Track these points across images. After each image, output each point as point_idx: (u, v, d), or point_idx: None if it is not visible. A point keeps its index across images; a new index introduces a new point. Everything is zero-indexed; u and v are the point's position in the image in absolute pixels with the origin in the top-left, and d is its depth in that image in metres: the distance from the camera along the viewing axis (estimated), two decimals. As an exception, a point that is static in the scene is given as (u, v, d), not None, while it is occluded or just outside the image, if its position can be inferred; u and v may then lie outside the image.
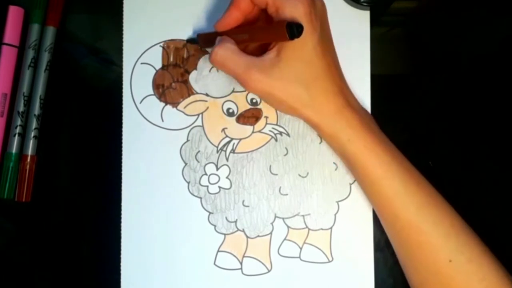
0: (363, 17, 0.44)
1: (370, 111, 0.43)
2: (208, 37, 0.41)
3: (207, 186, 0.43)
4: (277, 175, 0.43)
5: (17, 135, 0.43)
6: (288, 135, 0.43)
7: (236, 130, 0.44)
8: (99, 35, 0.45)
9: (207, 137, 0.44)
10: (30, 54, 0.43)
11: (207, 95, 0.44)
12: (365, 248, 0.43)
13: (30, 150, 0.43)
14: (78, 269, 0.44)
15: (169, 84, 0.44)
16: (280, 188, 0.43)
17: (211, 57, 0.38)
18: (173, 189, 0.43)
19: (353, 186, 0.43)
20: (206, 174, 0.43)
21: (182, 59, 0.44)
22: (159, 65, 0.44)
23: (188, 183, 0.44)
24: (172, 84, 0.44)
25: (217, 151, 0.44)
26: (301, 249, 0.43)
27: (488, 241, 0.37)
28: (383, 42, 0.44)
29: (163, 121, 0.44)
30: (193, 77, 0.44)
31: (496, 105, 0.44)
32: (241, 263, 0.43)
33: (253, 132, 0.44)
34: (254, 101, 0.44)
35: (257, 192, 0.43)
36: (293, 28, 0.33)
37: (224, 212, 0.43)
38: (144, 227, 0.43)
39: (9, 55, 0.43)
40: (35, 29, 0.44)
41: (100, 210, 0.44)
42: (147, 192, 0.43)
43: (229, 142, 0.44)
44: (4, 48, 0.43)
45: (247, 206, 0.43)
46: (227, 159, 0.43)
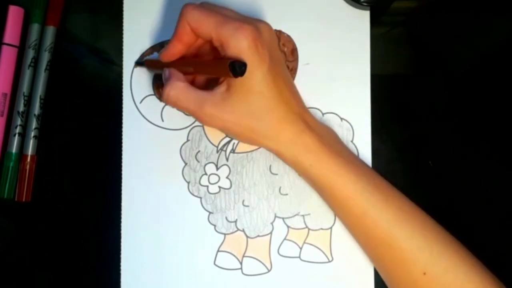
0: (363, 17, 0.44)
1: (370, 111, 0.43)
2: (155, 63, 0.41)
3: (207, 186, 0.43)
4: (277, 175, 0.43)
5: (17, 135, 0.43)
6: (288, 135, 0.43)
7: (236, 130, 0.44)
8: (99, 35, 0.45)
9: (207, 137, 0.44)
10: (30, 54, 0.43)
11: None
12: (365, 248, 0.43)
13: (30, 150, 0.43)
14: (78, 269, 0.44)
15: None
16: (280, 188, 0.43)
17: (163, 97, 0.37)
18: (173, 189, 0.43)
19: (353, 186, 0.43)
20: (206, 174, 0.44)
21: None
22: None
23: (188, 183, 0.44)
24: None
25: (217, 151, 0.44)
26: (301, 249, 0.43)
27: (487, 241, 0.37)
28: (383, 42, 0.44)
29: (163, 121, 0.44)
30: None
31: (496, 105, 0.44)
32: (241, 263, 0.43)
33: (253, 132, 0.44)
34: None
35: (257, 192, 0.43)
36: (235, 66, 0.33)
37: (224, 212, 0.43)
38: (144, 227, 0.43)
39: (9, 55, 0.43)
40: (35, 29, 0.44)
41: (100, 210, 0.44)
42: (147, 192, 0.43)
43: (229, 142, 0.44)
44: (4, 48, 0.43)
45: (247, 206, 0.43)
46: (227, 159, 0.44)
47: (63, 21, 0.45)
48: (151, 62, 0.42)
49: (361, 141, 0.43)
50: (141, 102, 0.44)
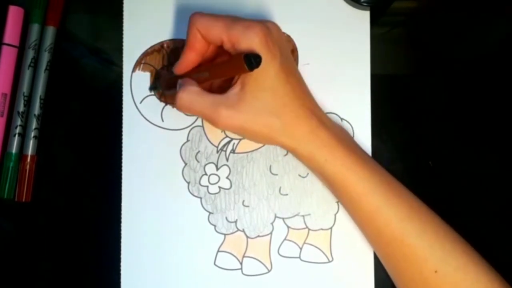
0: (363, 17, 0.44)
1: (370, 111, 0.43)
2: (170, 81, 0.41)
3: (207, 186, 0.43)
4: (277, 175, 0.43)
5: (17, 135, 0.43)
6: (288, 135, 0.43)
7: (236, 130, 0.44)
8: (99, 35, 0.45)
9: (207, 137, 0.44)
10: (30, 54, 0.43)
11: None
12: (365, 248, 0.43)
13: (30, 150, 0.43)
14: (78, 269, 0.44)
15: (169, 84, 0.44)
16: (280, 188, 0.43)
17: (176, 103, 0.38)
18: (173, 189, 0.43)
19: (353, 186, 0.43)
20: (206, 174, 0.44)
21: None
22: (159, 65, 0.44)
23: (188, 183, 0.44)
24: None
25: (217, 151, 0.44)
26: (301, 249, 0.43)
27: (487, 241, 0.37)
28: (383, 42, 0.44)
29: (163, 121, 0.44)
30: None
31: (496, 105, 0.44)
32: (241, 263, 0.43)
33: (253, 132, 0.44)
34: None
35: (257, 192, 0.43)
36: (251, 59, 0.33)
37: (224, 212, 0.43)
38: (144, 227, 0.43)
39: (9, 55, 0.43)
40: (35, 29, 0.44)
41: (100, 210, 0.44)
42: (147, 192, 0.43)
43: (229, 142, 0.44)
44: (4, 48, 0.43)
45: (247, 206, 0.43)
46: (227, 159, 0.43)
47: (63, 21, 0.45)
48: (165, 82, 0.42)
49: (361, 141, 0.43)
50: (141, 102, 0.44)
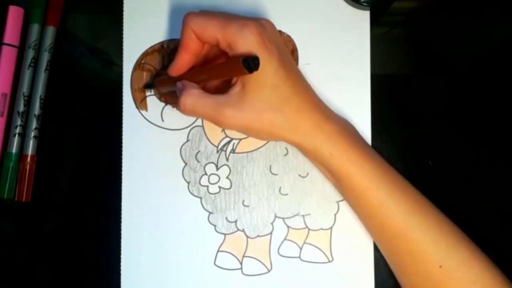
0: (363, 17, 0.44)
1: (370, 111, 0.43)
2: (166, 81, 0.41)
3: (207, 186, 0.43)
4: (277, 175, 0.43)
5: (17, 135, 0.43)
6: (288, 135, 0.43)
7: (236, 130, 0.44)
8: (99, 35, 0.45)
9: (207, 137, 0.44)
10: (30, 54, 0.43)
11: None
12: (365, 248, 0.43)
13: (30, 150, 0.43)
14: (78, 269, 0.44)
15: (169, 84, 0.44)
16: (280, 188, 0.43)
17: (180, 108, 0.37)
18: (173, 189, 0.43)
19: (353, 186, 0.43)
20: (206, 174, 0.44)
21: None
22: (159, 65, 0.44)
23: (188, 183, 0.44)
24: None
25: (217, 151, 0.44)
26: (301, 249, 0.43)
27: (488, 241, 0.37)
28: (383, 42, 0.44)
29: (163, 121, 0.44)
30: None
31: (496, 105, 0.44)
32: (241, 263, 0.43)
33: (253, 132, 0.44)
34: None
35: (257, 192, 0.43)
36: (249, 62, 0.33)
37: (224, 212, 0.43)
38: (144, 227, 0.43)
39: (9, 55, 0.43)
40: (35, 29, 0.44)
41: (100, 210, 0.44)
42: (147, 192, 0.43)
43: (229, 142, 0.44)
44: (4, 48, 0.43)
45: (247, 206, 0.43)
46: (227, 159, 0.43)
47: (63, 21, 0.45)
48: (161, 81, 0.42)
49: (361, 141, 0.43)
50: (141, 102, 0.44)
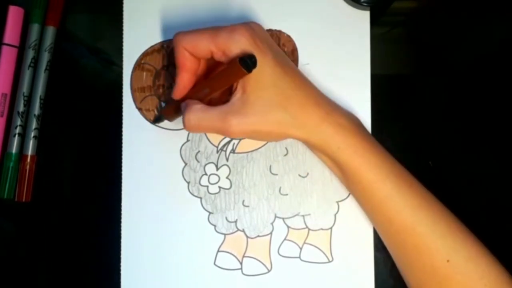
0: (363, 17, 0.44)
1: (370, 111, 0.43)
2: (172, 108, 0.41)
3: (207, 186, 0.43)
4: (277, 175, 0.43)
5: (17, 135, 0.43)
6: (288, 135, 0.43)
7: (236, 130, 0.44)
8: (99, 35, 0.45)
9: (207, 137, 0.44)
10: (30, 54, 0.43)
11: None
12: (365, 248, 0.43)
13: (30, 150, 0.43)
14: (78, 269, 0.44)
15: (169, 84, 0.44)
16: (280, 188, 0.43)
17: (185, 126, 0.37)
18: (173, 189, 0.43)
19: (353, 186, 0.43)
20: (206, 174, 0.44)
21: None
22: (159, 65, 0.44)
23: (188, 183, 0.44)
24: (172, 84, 0.44)
25: (217, 151, 0.44)
26: (301, 249, 0.43)
27: (488, 241, 0.37)
28: (383, 42, 0.44)
29: (163, 121, 0.44)
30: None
31: (496, 105, 0.44)
32: (241, 263, 0.43)
33: (253, 132, 0.44)
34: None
35: (257, 192, 0.43)
36: (246, 61, 0.33)
37: (224, 212, 0.43)
38: (144, 227, 0.43)
39: (9, 55, 0.43)
40: (35, 29, 0.44)
41: (100, 210, 0.44)
42: (147, 192, 0.43)
43: (229, 142, 0.44)
44: (4, 48, 0.43)
45: (247, 206, 0.43)
46: (227, 159, 0.43)
47: (63, 21, 0.45)
48: (168, 110, 0.42)
49: (361, 141, 0.43)
50: (141, 102, 0.44)
